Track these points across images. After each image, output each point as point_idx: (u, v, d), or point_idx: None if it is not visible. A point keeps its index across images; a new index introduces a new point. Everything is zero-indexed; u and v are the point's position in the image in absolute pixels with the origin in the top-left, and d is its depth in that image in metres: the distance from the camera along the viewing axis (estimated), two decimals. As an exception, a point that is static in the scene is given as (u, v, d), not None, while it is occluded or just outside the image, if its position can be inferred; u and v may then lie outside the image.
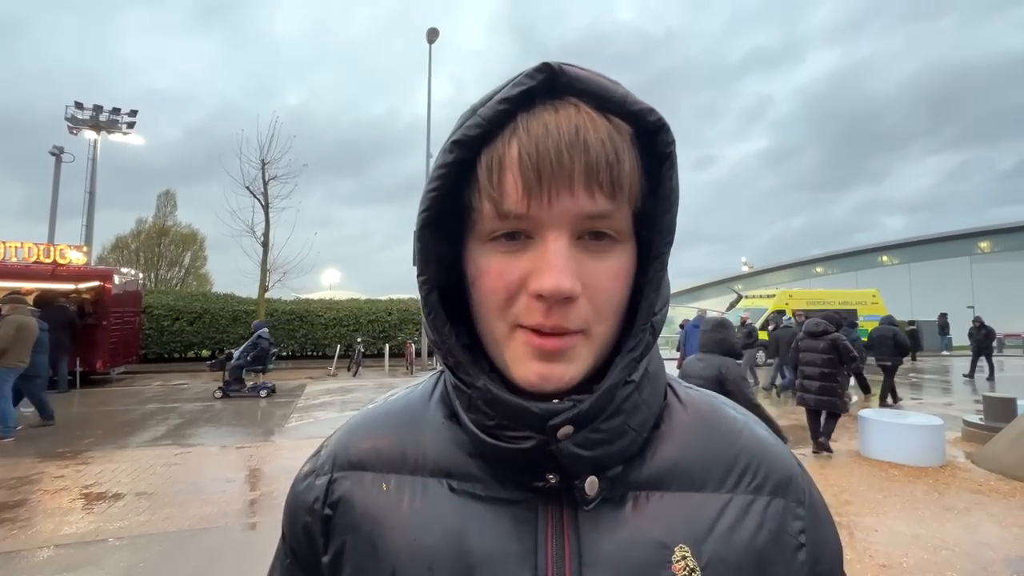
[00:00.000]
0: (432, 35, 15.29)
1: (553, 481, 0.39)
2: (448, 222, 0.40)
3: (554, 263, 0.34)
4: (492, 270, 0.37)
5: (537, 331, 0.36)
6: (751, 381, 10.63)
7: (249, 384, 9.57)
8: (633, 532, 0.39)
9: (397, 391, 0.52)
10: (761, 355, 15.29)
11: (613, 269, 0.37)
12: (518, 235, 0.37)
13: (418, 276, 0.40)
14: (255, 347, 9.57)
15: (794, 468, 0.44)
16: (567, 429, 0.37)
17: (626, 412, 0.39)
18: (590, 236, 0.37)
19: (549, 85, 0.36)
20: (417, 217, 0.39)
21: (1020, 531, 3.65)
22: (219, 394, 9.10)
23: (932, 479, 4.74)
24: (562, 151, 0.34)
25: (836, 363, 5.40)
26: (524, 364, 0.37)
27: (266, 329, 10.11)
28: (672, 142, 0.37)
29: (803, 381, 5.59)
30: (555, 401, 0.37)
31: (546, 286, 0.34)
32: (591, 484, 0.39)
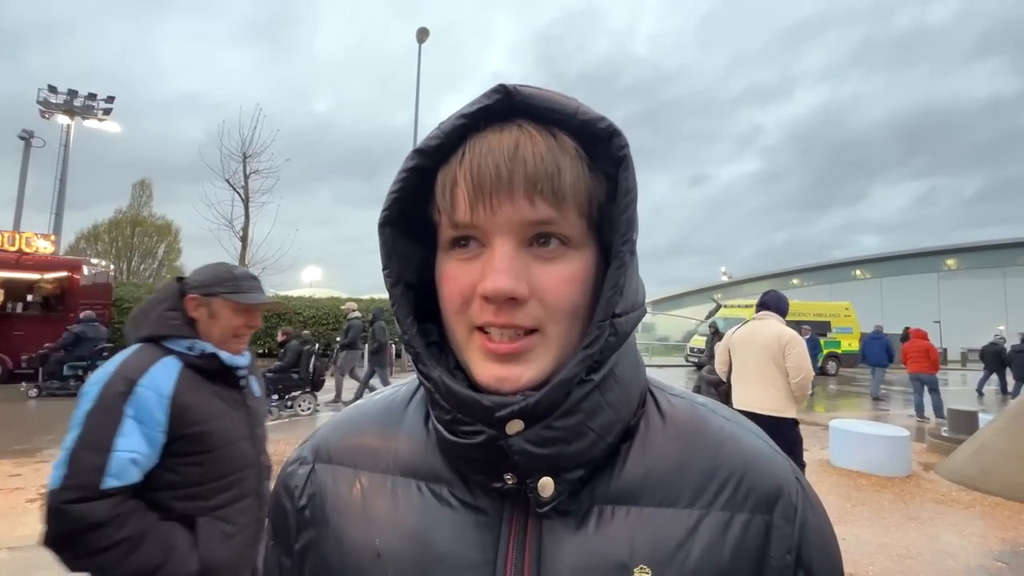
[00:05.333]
0: (422, 35, 15.26)
1: (510, 482, 0.38)
2: (423, 228, 0.43)
3: (497, 266, 0.37)
4: (449, 276, 0.40)
5: (490, 334, 0.38)
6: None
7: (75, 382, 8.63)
8: (594, 549, 0.37)
9: (384, 390, 0.53)
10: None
11: (564, 272, 0.38)
12: (472, 244, 0.39)
13: (383, 269, 0.43)
14: (68, 341, 8.68)
15: (786, 482, 0.41)
16: (517, 424, 0.37)
17: (584, 412, 0.38)
18: (540, 243, 0.38)
19: (505, 105, 0.38)
20: (379, 215, 0.42)
21: (979, 540, 3.78)
22: (34, 392, 8.32)
23: (898, 489, 4.87)
24: (500, 165, 0.37)
25: None
26: (482, 366, 0.38)
27: (93, 324, 9.04)
28: (625, 146, 0.39)
29: None
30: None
31: (487, 287, 0.36)
32: (544, 485, 0.38)
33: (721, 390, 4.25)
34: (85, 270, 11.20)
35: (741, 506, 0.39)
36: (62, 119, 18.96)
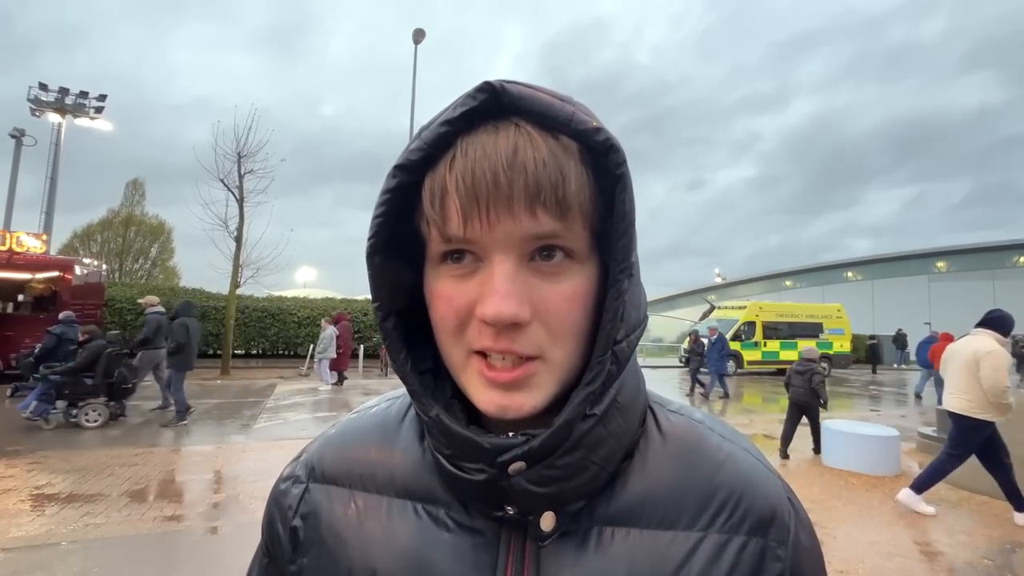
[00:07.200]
0: (418, 36, 15.28)
1: (511, 513, 0.38)
2: (409, 245, 0.39)
3: (498, 288, 0.33)
4: (443, 295, 0.37)
5: (489, 360, 0.35)
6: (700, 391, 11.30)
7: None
8: (593, 571, 0.37)
9: (379, 401, 0.51)
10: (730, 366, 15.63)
11: (568, 291, 0.36)
12: (467, 257, 0.36)
13: (372, 303, 0.39)
14: (51, 345, 8.13)
15: (780, 505, 0.40)
16: (519, 465, 0.36)
17: (586, 447, 0.37)
18: (542, 256, 0.35)
19: (492, 105, 0.34)
20: (366, 244, 0.38)
21: (966, 538, 3.84)
22: (9, 392, 7.99)
23: (888, 488, 4.93)
24: (498, 173, 0.33)
25: None
26: (482, 393, 0.36)
27: (73, 326, 8.50)
28: (623, 163, 0.35)
29: None
30: (510, 434, 0.36)
31: (488, 312, 0.33)
32: (547, 519, 0.38)
33: (816, 380, 4.80)
34: (77, 270, 11.09)
35: (737, 528, 0.39)
36: (53, 117, 18.79)
